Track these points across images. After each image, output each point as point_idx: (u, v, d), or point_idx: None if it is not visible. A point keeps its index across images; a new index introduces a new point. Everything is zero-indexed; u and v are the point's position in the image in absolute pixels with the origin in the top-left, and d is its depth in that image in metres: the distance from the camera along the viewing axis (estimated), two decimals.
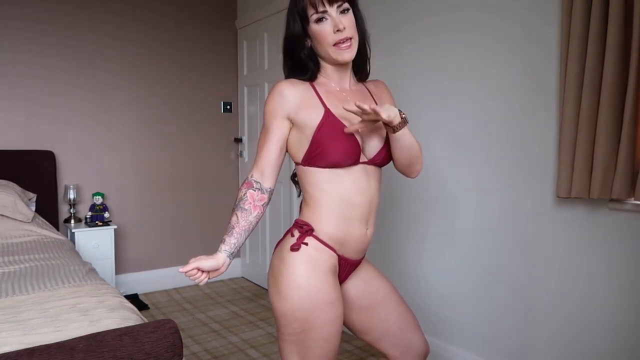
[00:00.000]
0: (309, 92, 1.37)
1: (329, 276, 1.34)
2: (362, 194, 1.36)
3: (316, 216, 1.37)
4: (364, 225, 1.39)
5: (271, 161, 1.38)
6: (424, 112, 2.50)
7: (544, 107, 2.01)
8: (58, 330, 1.49)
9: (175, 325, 1.50)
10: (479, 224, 2.30)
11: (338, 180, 1.35)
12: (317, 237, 1.36)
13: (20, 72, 3.30)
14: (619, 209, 1.78)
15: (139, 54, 3.74)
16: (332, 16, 1.31)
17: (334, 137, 1.31)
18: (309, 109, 1.35)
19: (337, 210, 1.36)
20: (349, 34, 1.32)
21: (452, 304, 2.44)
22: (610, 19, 1.68)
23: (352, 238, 1.38)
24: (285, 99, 1.35)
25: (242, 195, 1.34)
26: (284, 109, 1.36)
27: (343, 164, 1.33)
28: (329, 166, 1.33)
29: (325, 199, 1.36)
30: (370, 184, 1.38)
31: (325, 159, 1.32)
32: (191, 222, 4.06)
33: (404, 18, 2.58)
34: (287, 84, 1.37)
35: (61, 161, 3.46)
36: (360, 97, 1.43)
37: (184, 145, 3.99)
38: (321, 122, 1.33)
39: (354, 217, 1.37)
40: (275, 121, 1.37)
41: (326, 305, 1.31)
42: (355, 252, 1.42)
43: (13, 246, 2.56)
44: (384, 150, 1.39)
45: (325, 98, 1.36)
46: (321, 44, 1.34)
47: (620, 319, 1.80)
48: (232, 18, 4.18)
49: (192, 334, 3.02)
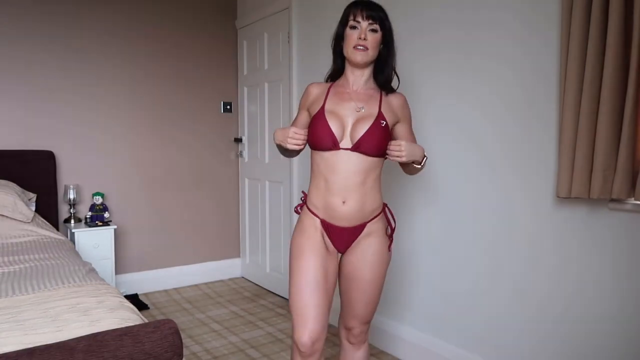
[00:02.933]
0: (323, 93, 1.77)
1: (311, 232, 1.74)
2: (337, 174, 1.67)
3: (310, 188, 1.78)
4: (340, 199, 1.69)
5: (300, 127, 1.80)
6: (423, 112, 2.50)
7: (544, 106, 2.01)
8: (58, 330, 1.49)
9: (175, 325, 1.50)
10: (478, 223, 2.30)
11: (322, 161, 1.70)
12: (306, 204, 1.78)
13: (20, 72, 3.30)
14: (619, 209, 1.78)
15: (139, 54, 3.74)
16: (362, 27, 1.67)
17: (317, 126, 1.69)
18: (315, 105, 1.76)
19: (318, 184, 1.73)
20: (367, 45, 1.67)
21: (451, 303, 2.44)
22: (610, 19, 1.68)
23: (330, 207, 1.71)
24: (308, 96, 1.81)
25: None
26: (305, 103, 1.83)
27: (322, 149, 1.68)
28: (316, 149, 1.71)
29: (314, 175, 1.76)
30: (349, 167, 1.67)
31: (312, 143, 1.71)
32: (191, 222, 4.06)
33: (403, 12, 2.58)
34: (313, 85, 1.83)
35: (61, 161, 3.46)
36: (364, 98, 1.73)
37: (184, 145, 3.99)
38: (315, 115, 1.72)
39: (330, 191, 1.69)
40: (301, 111, 1.85)
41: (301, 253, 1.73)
42: (337, 220, 1.72)
43: (13, 246, 2.56)
44: (361, 141, 1.65)
45: (330, 97, 1.74)
46: (347, 43, 1.70)
47: (620, 319, 1.80)
48: (232, 18, 4.18)
49: (192, 334, 3.02)
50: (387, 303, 2.78)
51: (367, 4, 1.69)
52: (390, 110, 1.74)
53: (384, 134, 1.67)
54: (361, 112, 1.68)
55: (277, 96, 3.67)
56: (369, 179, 1.70)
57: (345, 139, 1.66)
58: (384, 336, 2.78)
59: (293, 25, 3.45)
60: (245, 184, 4.20)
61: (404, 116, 1.79)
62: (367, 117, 1.67)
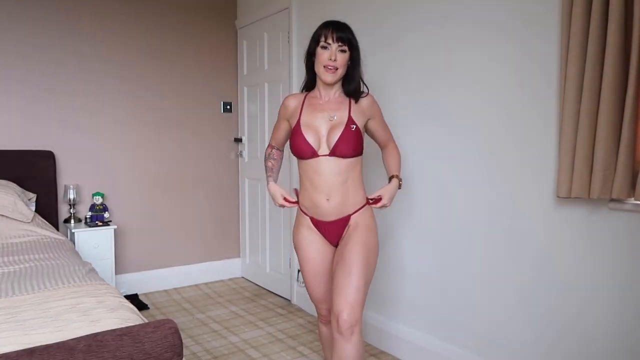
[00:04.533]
0: (298, 105, 1.99)
1: (304, 230, 2.02)
2: (320, 176, 1.90)
3: (301, 191, 2.01)
4: (324, 196, 1.91)
5: (282, 139, 2.14)
6: (423, 111, 2.50)
7: (544, 106, 2.01)
8: (58, 330, 1.49)
9: (175, 325, 1.50)
10: (478, 223, 2.30)
11: (306, 166, 1.93)
12: (299, 204, 2.03)
13: (20, 72, 3.30)
14: (619, 209, 1.78)
15: (139, 53, 3.74)
16: (332, 49, 1.87)
17: (295, 139, 1.92)
18: (293, 118, 1.99)
19: (305, 186, 1.96)
20: (337, 65, 1.87)
21: (451, 303, 2.44)
22: (610, 19, 1.68)
23: (316, 205, 1.94)
24: (287, 109, 2.04)
25: (269, 152, 2.15)
26: (285, 115, 2.05)
27: (304, 157, 1.91)
28: (298, 158, 1.95)
29: (301, 178, 1.99)
30: (329, 170, 1.89)
31: (294, 154, 1.94)
32: (191, 222, 4.06)
33: (396, 9, 2.58)
34: (290, 98, 2.04)
35: (61, 161, 3.46)
36: (335, 107, 1.94)
37: (184, 144, 3.99)
38: (294, 130, 1.95)
39: (314, 191, 1.92)
40: (281, 121, 2.08)
41: (300, 248, 2.04)
42: (324, 215, 1.95)
43: (13, 246, 2.56)
44: (336, 146, 1.87)
45: (305, 110, 1.96)
46: (318, 62, 1.90)
47: (620, 319, 1.80)
48: (232, 18, 4.18)
49: (192, 334, 3.02)
50: (387, 303, 2.78)
51: (337, 26, 1.89)
52: (361, 111, 1.95)
53: (355, 136, 1.89)
54: (333, 120, 1.90)
55: (277, 96, 3.67)
56: (350, 177, 1.92)
57: (323, 146, 1.89)
58: (384, 336, 2.78)
59: (293, 25, 3.45)
60: (245, 184, 4.20)
61: (374, 113, 2.01)
62: (338, 125, 1.89)
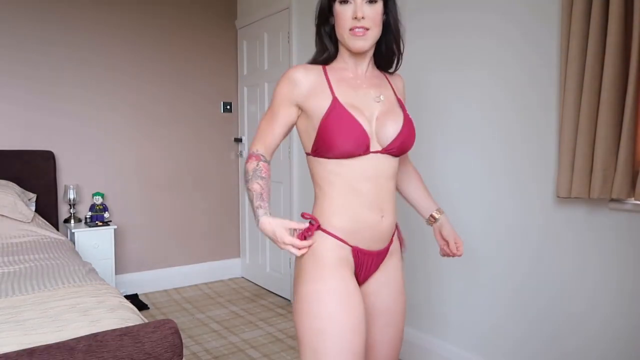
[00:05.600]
0: (320, 78, 1.32)
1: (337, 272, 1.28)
2: (369, 182, 1.30)
3: (325, 208, 1.32)
4: (377, 212, 1.32)
5: (274, 142, 1.38)
6: (422, 112, 2.50)
7: (544, 107, 2.01)
8: (58, 330, 1.49)
9: (175, 325, 1.50)
10: (478, 224, 2.29)
11: (345, 170, 1.30)
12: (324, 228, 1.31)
13: (20, 73, 3.30)
14: (619, 209, 1.78)
15: (139, 53, 3.74)
16: (356, 2, 1.26)
17: (341, 127, 1.26)
18: (318, 97, 1.30)
19: (344, 200, 1.30)
20: (366, 24, 1.27)
21: (449, 302, 2.44)
22: (610, 19, 1.68)
23: (364, 226, 1.31)
24: (297, 86, 1.31)
25: (255, 166, 1.31)
26: (293, 96, 1.32)
27: (350, 155, 1.28)
28: (336, 157, 1.29)
29: (332, 191, 1.31)
30: (380, 173, 1.32)
31: (332, 150, 1.27)
32: (191, 222, 4.06)
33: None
34: (300, 70, 1.32)
35: (61, 161, 3.46)
36: (376, 84, 1.38)
37: (184, 145, 3.99)
38: (328, 111, 1.27)
39: (363, 205, 1.30)
40: (283, 107, 1.34)
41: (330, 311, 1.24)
42: (372, 242, 1.34)
43: (13, 246, 2.56)
44: (399, 140, 1.32)
45: (336, 86, 1.31)
46: (339, 26, 1.30)
47: (620, 319, 1.80)
48: (232, 18, 4.18)
49: (192, 334, 3.02)
50: None
51: None
52: (400, 94, 1.45)
53: (414, 129, 1.38)
54: (381, 103, 1.35)
55: None
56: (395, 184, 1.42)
57: (372, 139, 1.31)
58: None
59: (293, 25, 3.45)
60: None
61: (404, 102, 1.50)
62: (390, 109, 1.35)
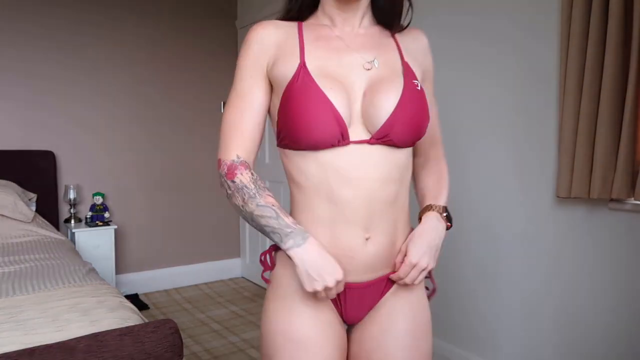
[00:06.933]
0: (292, 37, 0.95)
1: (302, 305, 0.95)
2: (352, 187, 0.91)
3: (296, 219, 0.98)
4: (361, 231, 0.93)
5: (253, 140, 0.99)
6: None
7: (544, 107, 2.01)
8: (58, 330, 1.49)
9: (175, 325, 1.50)
10: (477, 224, 2.30)
11: (315, 168, 0.93)
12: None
13: (20, 73, 3.29)
14: (619, 209, 1.78)
15: (139, 53, 3.74)
16: None
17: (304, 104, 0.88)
18: (285, 62, 0.92)
19: (316, 211, 0.94)
20: None
21: (450, 303, 2.44)
22: (610, 19, 1.68)
23: (344, 251, 0.94)
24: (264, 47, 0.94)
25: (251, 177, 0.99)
26: (260, 61, 0.94)
27: (318, 147, 0.90)
28: (302, 148, 0.91)
29: (301, 197, 0.97)
30: (369, 173, 0.92)
31: (294, 138, 0.90)
32: (191, 222, 4.06)
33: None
34: (268, 26, 0.95)
35: (61, 161, 3.46)
36: (373, 45, 0.97)
37: (184, 145, 3.99)
38: (291, 81, 0.90)
39: (340, 220, 0.93)
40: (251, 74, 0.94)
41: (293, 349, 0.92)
42: (355, 272, 0.96)
43: (13, 246, 2.56)
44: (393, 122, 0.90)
45: (310, 47, 0.94)
46: None
47: (620, 319, 1.80)
48: (232, 18, 4.18)
49: (192, 334, 3.02)
50: None
51: None
52: (413, 57, 1.01)
53: (424, 103, 0.96)
54: (374, 70, 0.94)
55: None
56: (402, 189, 1.01)
57: (356, 123, 0.92)
58: None
59: None
60: None
61: (427, 67, 1.07)
62: (387, 78, 0.94)
